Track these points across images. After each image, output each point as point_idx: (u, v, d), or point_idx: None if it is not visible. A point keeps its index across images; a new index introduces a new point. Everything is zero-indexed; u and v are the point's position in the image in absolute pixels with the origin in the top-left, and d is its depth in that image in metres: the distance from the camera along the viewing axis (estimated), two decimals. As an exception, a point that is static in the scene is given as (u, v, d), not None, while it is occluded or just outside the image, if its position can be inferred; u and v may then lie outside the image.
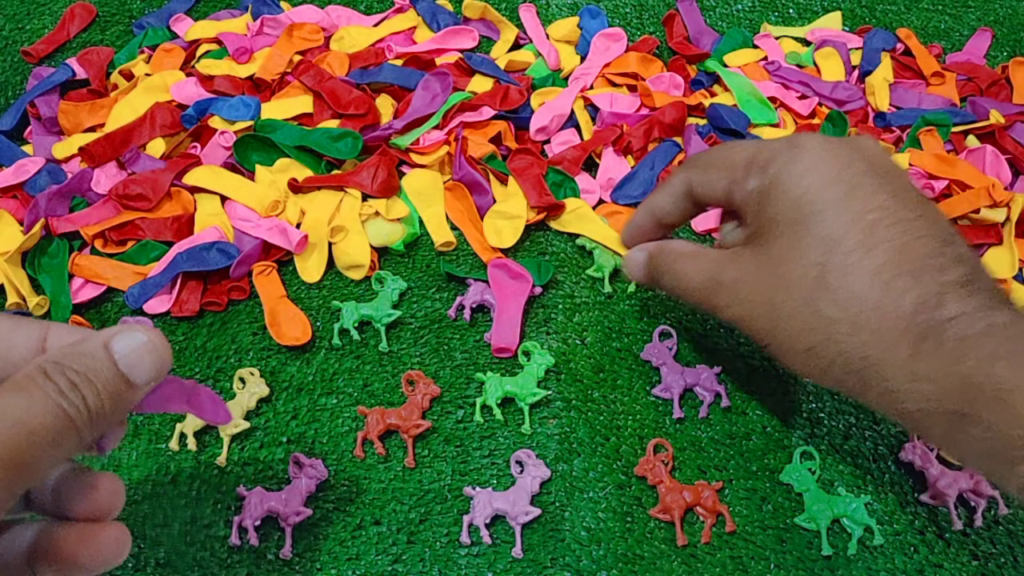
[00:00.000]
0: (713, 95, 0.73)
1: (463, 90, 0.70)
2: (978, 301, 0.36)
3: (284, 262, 0.62)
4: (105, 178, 0.66)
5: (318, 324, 0.59)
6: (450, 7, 0.80)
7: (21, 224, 0.63)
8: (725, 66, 0.74)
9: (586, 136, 0.69)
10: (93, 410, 0.24)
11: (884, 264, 0.37)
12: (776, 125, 0.70)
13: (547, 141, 0.69)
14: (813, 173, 0.39)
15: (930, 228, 0.38)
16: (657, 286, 0.49)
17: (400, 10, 0.80)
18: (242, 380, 0.55)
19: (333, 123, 0.68)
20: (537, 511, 0.49)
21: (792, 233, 0.39)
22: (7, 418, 0.23)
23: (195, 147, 0.68)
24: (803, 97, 0.72)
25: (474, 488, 0.50)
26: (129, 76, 0.74)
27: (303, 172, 0.65)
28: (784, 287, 0.39)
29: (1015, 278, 0.60)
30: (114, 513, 0.29)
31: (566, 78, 0.74)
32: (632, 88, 0.73)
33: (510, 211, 0.63)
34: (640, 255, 0.50)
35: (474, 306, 0.58)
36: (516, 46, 0.77)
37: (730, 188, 0.43)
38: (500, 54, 0.76)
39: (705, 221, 0.64)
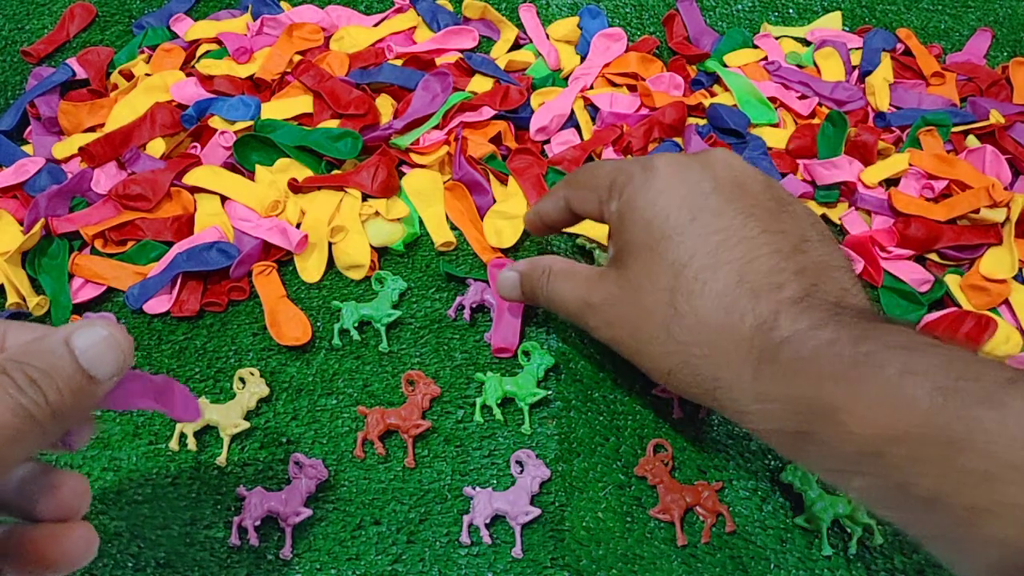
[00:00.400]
0: (713, 95, 0.73)
1: (463, 90, 0.70)
2: (810, 318, 0.36)
3: (284, 262, 0.62)
4: (105, 178, 0.66)
5: (318, 324, 0.59)
6: (450, 7, 0.80)
7: (21, 224, 0.63)
8: (725, 66, 0.74)
9: (586, 136, 0.69)
10: (54, 406, 0.24)
11: (726, 286, 0.37)
12: (776, 125, 0.70)
13: (547, 141, 0.69)
14: (663, 196, 0.40)
15: (774, 243, 0.38)
16: (535, 303, 0.50)
17: (400, 10, 0.80)
18: (242, 380, 0.55)
19: (333, 123, 0.68)
20: (537, 511, 0.49)
21: (647, 258, 0.40)
22: None
23: (195, 147, 0.68)
24: (803, 97, 0.72)
25: (474, 488, 0.50)
26: (129, 76, 0.74)
27: (303, 172, 0.65)
28: (643, 312, 0.40)
29: (1015, 278, 0.60)
30: (80, 513, 0.29)
31: (566, 78, 0.74)
32: (632, 88, 0.73)
33: (510, 211, 0.63)
34: (511, 275, 0.51)
35: (474, 306, 0.58)
36: (516, 46, 0.77)
37: (599, 208, 0.45)
38: (500, 54, 0.76)
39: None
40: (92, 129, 0.70)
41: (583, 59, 0.75)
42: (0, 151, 0.69)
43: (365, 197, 0.64)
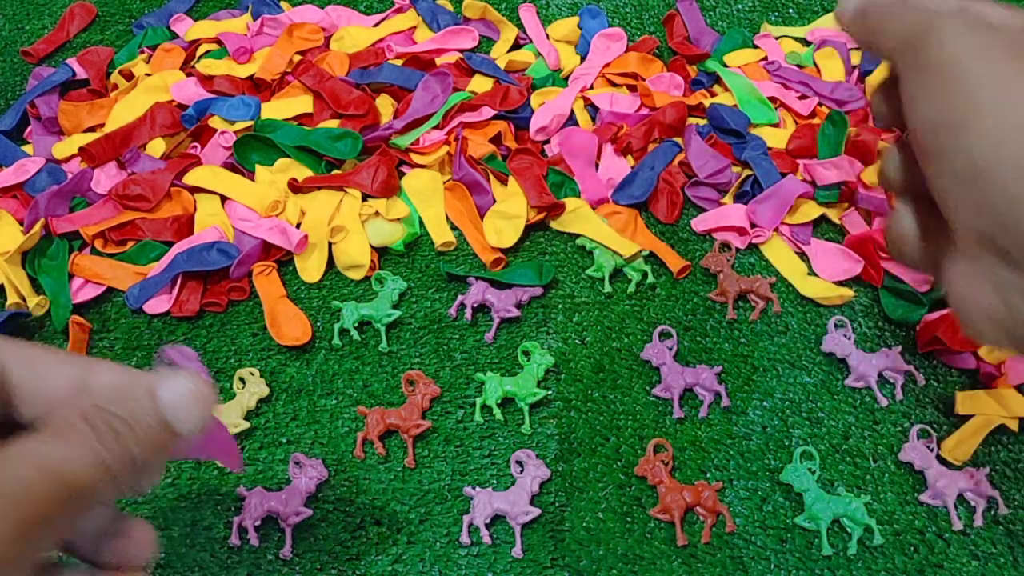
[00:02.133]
0: (713, 95, 0.72)
1: (463, 90, 0.70)
2: None
3: (284, 262, 0.62)
4: (105, 178, 0.66)
5: (318, 324, 0.59)
6: (450, 7, 0.80)
7: (21, 224, 0.63)
8: (725, 66, 0.74)
9: (586, 136, 0.69)
10: (134, 460, 0.23)
11: None
12: (776, 125, 0.70)
13: (547, 141, 0.69)
14: None
15: None
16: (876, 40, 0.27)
17: (400, 10, 0.80)
18: (242, 380, 0.55)
19: (333, 123, 0.68)
20: (537, 511, 0.49)
21: None
22: (45, 468, 0.22)
23: (195, 147, 0.68)
24: (803, 97, 0.72)
25: (474, 488, 0.50)
26: (129, 76, 0.74)
27: (303, 172, 0.65)
28: None
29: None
30: (144, 563, 0.27)
31: (566, 78, 0.74)
32: (632, 88, 0.73)
33: (510, 211, 0.62)
34: None
35: (475, 305, 0.58)
36: (516, 46, 0.77)
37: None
38: (500, 54, 0.76)
39: (706, 222, 0.64)
40: (92, 129, 0.70)
41: (583, 59, 0.75)
42: (0, 151, 0.69)
43: (365, 197, 0.64)
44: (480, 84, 0.72)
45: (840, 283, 0.61)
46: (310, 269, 0.61)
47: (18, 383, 0.25)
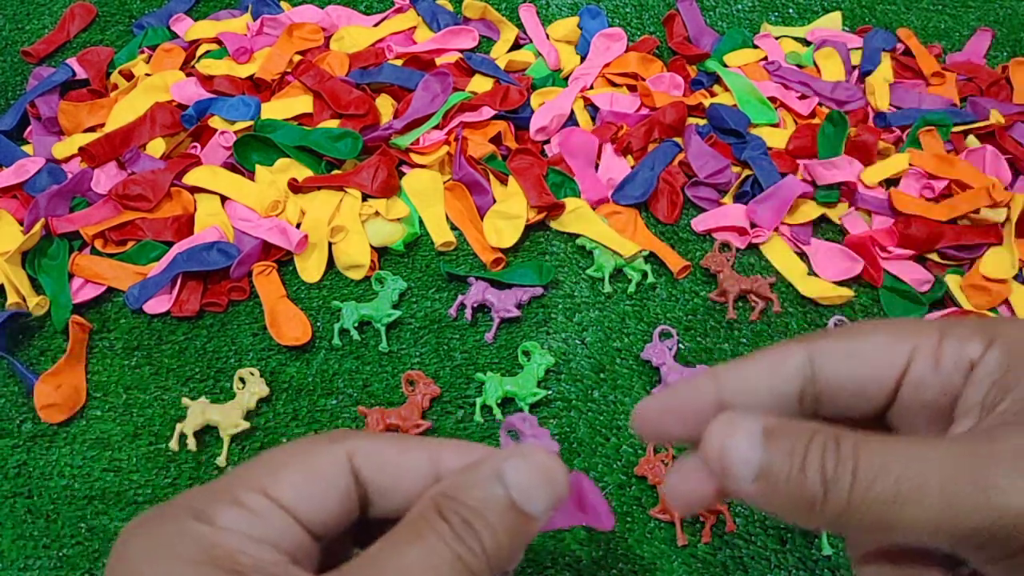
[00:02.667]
0: (713, 95, 0.73)
1: (463, 90, 0.70)
2: None
3: (284, 262, 0.62)
4: (105, 178, 0.66)
5: (318, 324, 0.59)
6: (450, 7, 0.80)
7: (21, 224, 0.63)
8: (725, 66, 0.74)
9: (586, 136, 0.69)
10: (489, 552, 0.21)
11: None
12: (776, 125, 0.70)
13: (547, 141, 0.69)
14: None
15: None
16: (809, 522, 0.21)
17: (400, 10, 0.80)
18: (242, 380, 0.55)
19: (333, 123, 0.68)
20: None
21: None
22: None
23: (195, 147, 0.68)
24: (803, 97, 0.72)
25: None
26: (129, 76, 0.74)
27: (303, 172, 0.65)
28: None
29: (1015, 278, 0.60)
30: None
31: (566, 78, 0.74)
32: (632, 88, 0.73)
33: (510, 211, 0.62)
34: (747, 456, 0.21)
35: (475, 305, 0.58)
36: (516, 46, 0.77)
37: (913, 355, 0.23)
38: (500, 54, 0.76)
39: (706, 222, 0.64)
40: (92, 129, 0.70)
41: (583, 59, 0.75)
42: (0, 151, 0.69)
43: (365, 197, 0.64)
44: (480, 84, 0.72)
45: (840, 283, 0.61)
46: (310, 269, 0.61)
47: (369, 479, 0.23)
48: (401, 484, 0.23)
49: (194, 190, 0.64)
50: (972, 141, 0.68)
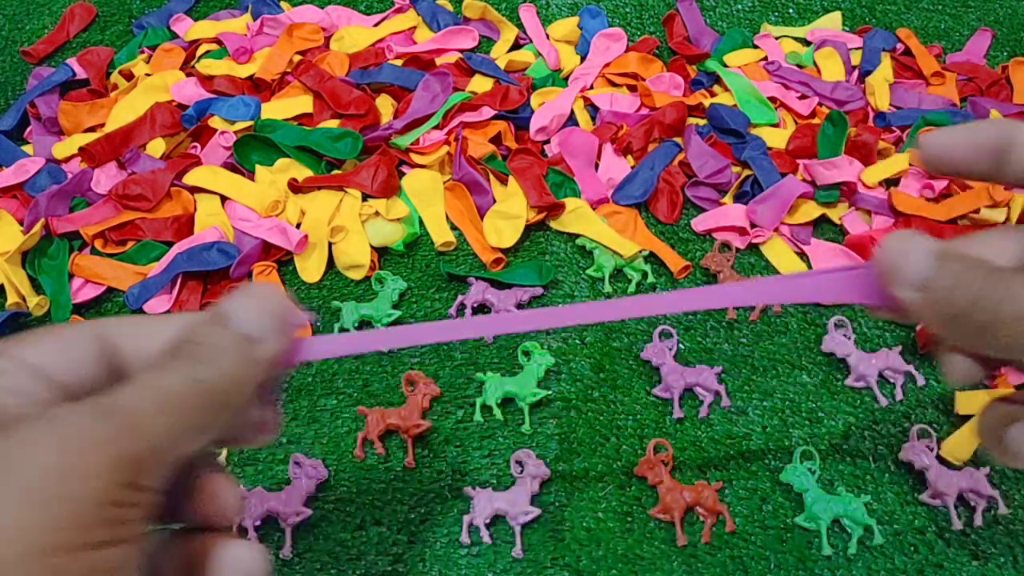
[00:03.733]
0: (713, 95, 0.73)
1: (463, 90, 0.70)
2: None
3: (284, 262, 0.62)
4: (105, 178, 0.66)
5: (318, 324, 0.59)
6: (450, 7, 0.80)
7: (21, 224, 0.63)
8: (725, 66, 0.74)
9: (586, 136, 0.69)
10: (225, 373, 0.24)
11: None
12: (776, 125, 0.70)
13: (547, 141, 0.69)
14: None
15: None
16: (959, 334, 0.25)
17: (400, 10, 0.80)
18: (242, 380, 0.55)
19: (333, 123, 0.68)
20: (537, 511, 0.49)
21: None
22: (155, 396, 0.22)
23: (195, 147, 0.68)
24: (803, 97, 0.72)
25: (474, 488, 0.50)
26: (129, 76, 0.74)
27: (303, 172, 0.65)
28: None
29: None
30: (232, 516, 0.26)
31: (566, 78, 0.74)
32: (632, 88, 0.73)
33: (510, 211, 0.63)
34: (929, 246, 0.25)
35: (475, 305, 0.58)
36: (516, 46, 0.77)
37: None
38: (500, 54, 0.76)
39: (706, 222, 0.64)
40: (92, 129, 0.70)
41: (583, 59, 0.75)
42: (0, 151, 0.69)
43: (365, 197, 0.64)
44: (480, 84, 0.72)
45: None
46: (310, 269, 0.61)
47: (120, 345, 0.25)
48: (152, 344, 0.25)
49: (194, 190, 0.64)
50: (972, 141, 0.68)
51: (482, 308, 0.59)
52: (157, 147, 0.67)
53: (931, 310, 0.24)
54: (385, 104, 0.71)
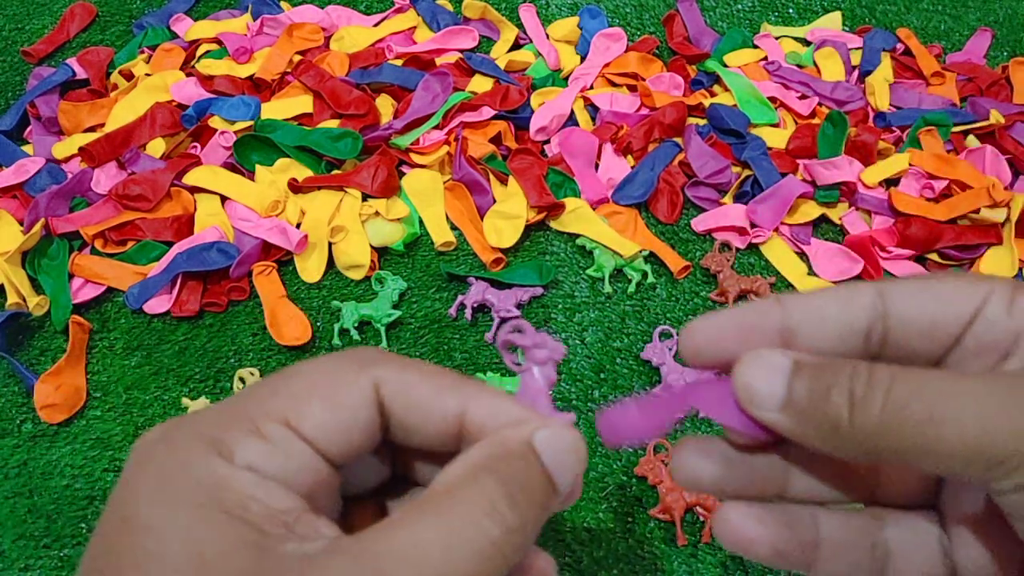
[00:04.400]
0: (713, 95, 0.73)
1: (463, 90, 0.70)
2: None
3: (284, 262, 0.62)
4: (105, 178, 0.66)
5: (318, 324, 0.59)
6: (450, 7, 0.80)
7: (21, 224, 0.63)
8: (725, 66, 0.74)
9: (586, 136, 0.69)
10: (526, 527, 0.20)
11: None
12: (776, 125, 0.70)
13: (547, 141, 0.69)
14: None
15: None
16: (819, 442, 0.21)
17: (400, 10, 0.80)
18: (242, 380, 0.55)
19: (333, 123, 0.68)
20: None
21: None
22: (449, 552, 0.19)
23: (195, 147, 0.68)
24: (803, 97, 0.72)
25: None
26: (129, 76, 0.74)
27: (303, 172, 0.65)
28: None
29: (1015, 278, 0.60)
30: None
31: (566, 78, 0.74)
32: (632, 88, 0.73)
33: (510, 211, 0.62)
34: (777, 361, 0.22)
35: (475, 305, 0.58)
36: (516, 46, 0.77)
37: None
38: (500, 54, 0.76)
39: (706, 222, 0.64)
40: (92, 129, 0.70)
41: (583, 59, 0.75)
42: (0, 151, 0.69)
43: (365, 197, 0.64)
44: (480, 84, 0.72)
45: (840, 283, 0.61)
46: (310, 269, 0.61)
47: (393, 413, 0.22)
48: (426, 427, 0.22)
49: (194, 190, 0.64)
50: (972, 141, 0.68)
51: (482, 308, 0.59)
52: (157, 147, 0.67)
53: (807, 428, 0.21)
54: (385, 104, 0.71)
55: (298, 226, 0.63)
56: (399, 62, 0.74)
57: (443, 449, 0.23)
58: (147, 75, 0.73)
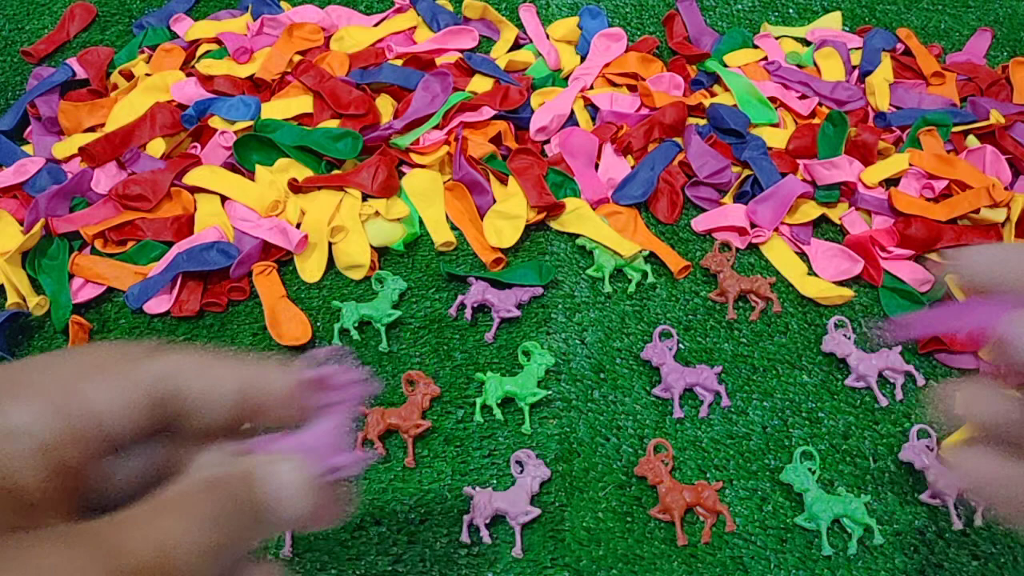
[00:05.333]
0: (713, 95, 0.73)
1: (463, 90, 0.70)
2: None
3: (284, 262, 0.62)
4: (105, 178, 0.66)
5: (318, 324, 0.59)
6: (450, 7, 0.80)
7: (21, 224, 0.63)
8: (725, 66, 0.74)
9: (586, 136, 0.69)
10: (242, 539, 0.22)
11: None
12: (776, 125, 0.70)
13: (547, 141, 0.69)
14: None
15: None
16: None
17: (400, 10, 0.80)
18: (242, 380, 0.55)
19: (333, 123, 0.68)
20: (537, 511, 0.49)
21: None
22: (155, 547, 0.20)
23: (195, 147, 0.68)
24: (803, 97, 0.72)
25: (474, 488, 0.50)
26: (129, 76, 0.74)
27: (303, 172, 0.65)
28: None
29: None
30: None
31: (566, 78, 0.74)
32: (632, 88, 0.73)
33: (510, 211, 0.62)
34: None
35: (475, 305, 0.58)
36: (516, 46, 0.77)
37: None
38: (500, 54, 0.76)
39: (706, 222, 0.64)
40: (92, 129, 0.70)
41: (583, 59, 0.75)
42: (0, 151, 0.69)
43: (365, 197, 0.64)
44: (480, 84, 0.72)
45: (840, 283, 0.61)
46: (310, 269, 0.61)
47: (175, 401, 0.24)
48: (204, 414, 0.24)
49: (194, 190, 0.64)
50: (972, 141, 0.68)
51: (482, 308, 0.59)
52: (157, 147, 0.67)
53: None
54: (385, 104, 0.71)
55: (298, 226, 0.63)
56: (399, 62, 0.74)
57: (222, 434, 0.25)
58: (147, 75, 0.73)
